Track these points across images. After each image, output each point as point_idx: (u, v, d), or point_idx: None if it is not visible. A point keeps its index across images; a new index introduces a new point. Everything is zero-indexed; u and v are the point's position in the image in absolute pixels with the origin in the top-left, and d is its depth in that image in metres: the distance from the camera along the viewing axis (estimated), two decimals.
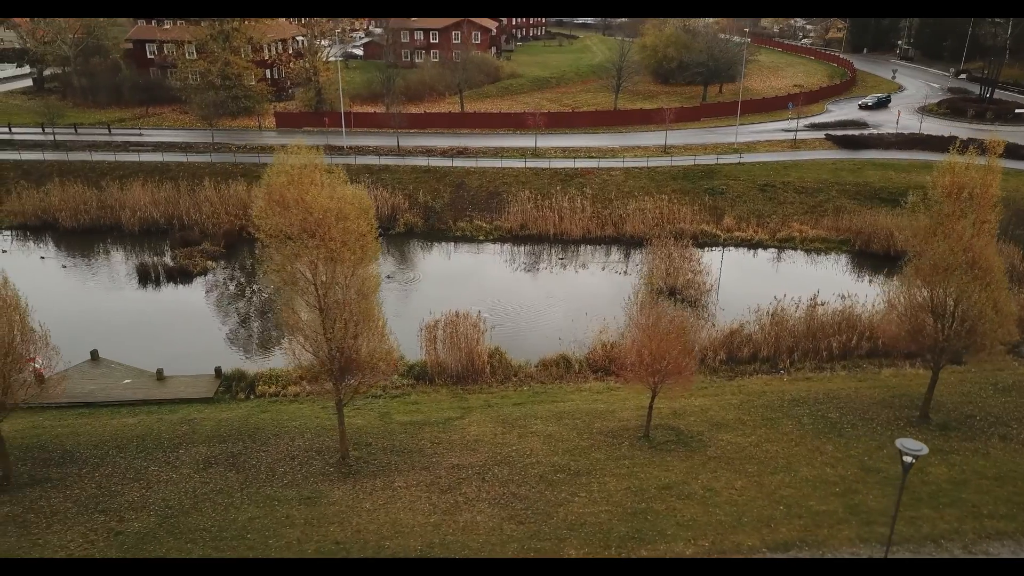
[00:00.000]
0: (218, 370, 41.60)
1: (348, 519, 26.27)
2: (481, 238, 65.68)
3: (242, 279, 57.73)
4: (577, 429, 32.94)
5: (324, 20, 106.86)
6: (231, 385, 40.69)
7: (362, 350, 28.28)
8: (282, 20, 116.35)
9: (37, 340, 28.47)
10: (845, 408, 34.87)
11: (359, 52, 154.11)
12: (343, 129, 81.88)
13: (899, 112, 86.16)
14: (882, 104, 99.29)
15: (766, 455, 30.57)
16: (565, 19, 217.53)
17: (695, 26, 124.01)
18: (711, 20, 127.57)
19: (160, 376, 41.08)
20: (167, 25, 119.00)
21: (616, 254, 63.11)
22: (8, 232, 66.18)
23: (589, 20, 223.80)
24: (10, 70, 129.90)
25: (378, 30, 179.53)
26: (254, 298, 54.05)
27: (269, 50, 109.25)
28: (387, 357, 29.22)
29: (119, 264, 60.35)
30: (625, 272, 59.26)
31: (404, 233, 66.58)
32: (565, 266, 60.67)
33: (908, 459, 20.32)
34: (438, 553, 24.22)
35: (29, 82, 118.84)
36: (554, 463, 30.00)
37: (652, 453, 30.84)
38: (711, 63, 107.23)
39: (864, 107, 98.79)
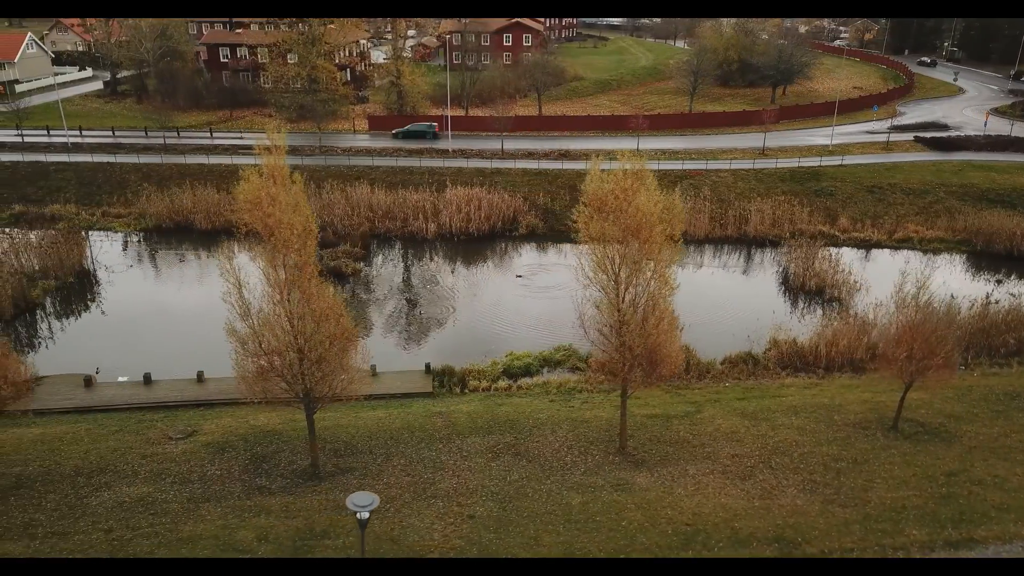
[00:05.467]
0: (427, 366, 43.32)
1: (677, 504, 27.95)
2: None
3: (392, 278, 59.18)
4: (823, 422, 34.67)
5: (400, 21, 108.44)
6: (443, 380, 42.43)
7: (659, 349, 29.95)
8: (350, 23, 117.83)
9: (353, 339, 30.06)
10: None
11: (407, 55, 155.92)
12: (449, 132, 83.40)
13: (987, 114, 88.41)
14: (419, 134, 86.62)
15: (1023, 445, 32.42)
16: (589, 20, 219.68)
17: (753, 27, 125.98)
18: (768, 22, 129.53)
19: (374, 372, 42.70)
20: (240, 29, 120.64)
21: (740, 254, 64.83)
22: (140, 233, 67.51)
23: (615, 21, 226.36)
24: (72, 73, 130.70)
25: (412, 32, 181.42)
26: (420, 296, 55.40)
27: (341, 53, 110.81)
28: (678, 355, 30.92)
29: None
30: (745, 271, 61.29)
31: (526, 235, 68.11)
32: (688, 265, 62.39)
33: None
34: (791, 535, 25.95)
35: (95, 85, 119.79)
36: (827, 453, 31.75)
37: (911, 443, 32.65)
38: (781, 65, 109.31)
39: (396, 136, 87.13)
